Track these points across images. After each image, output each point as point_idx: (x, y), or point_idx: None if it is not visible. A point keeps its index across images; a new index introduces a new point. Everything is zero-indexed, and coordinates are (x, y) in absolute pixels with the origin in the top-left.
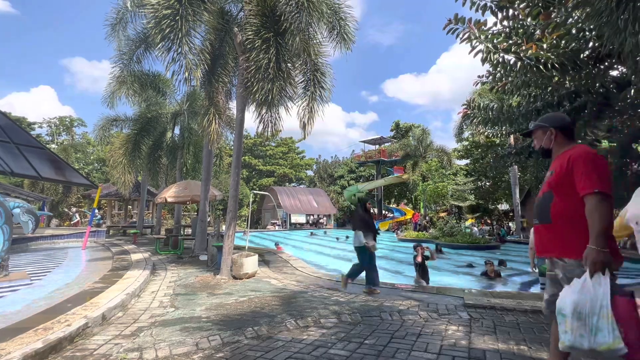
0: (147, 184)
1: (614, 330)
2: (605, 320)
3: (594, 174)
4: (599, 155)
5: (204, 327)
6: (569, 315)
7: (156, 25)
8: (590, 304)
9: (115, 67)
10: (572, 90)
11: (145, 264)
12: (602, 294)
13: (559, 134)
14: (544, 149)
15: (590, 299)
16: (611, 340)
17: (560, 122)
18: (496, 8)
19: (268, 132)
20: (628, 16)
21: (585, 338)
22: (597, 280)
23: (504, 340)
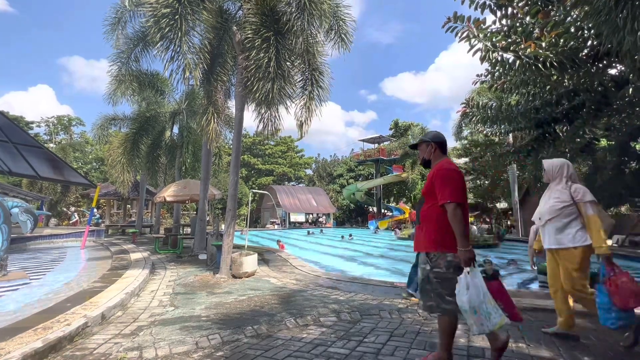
0: (146, 183)
1: (498, 310)
2: (491, 305)
3: (449, 187)
4: (455, 170)
5: (204, 326)
6: (468, 312)
7: (155, 24)
8: (476, 297)
9: (113, 65)
10: (571, 89)
11: (144, 263)
12: (479, 284)
13: (437, 149)
14: (425, 159)
15: (475, 292)
16: (499, 318)
17: (439, 139)
18: (495, 6)
19: (268, 131)
20: (627, 15)
21: (485, 325)
22: (472, 274)
23: None
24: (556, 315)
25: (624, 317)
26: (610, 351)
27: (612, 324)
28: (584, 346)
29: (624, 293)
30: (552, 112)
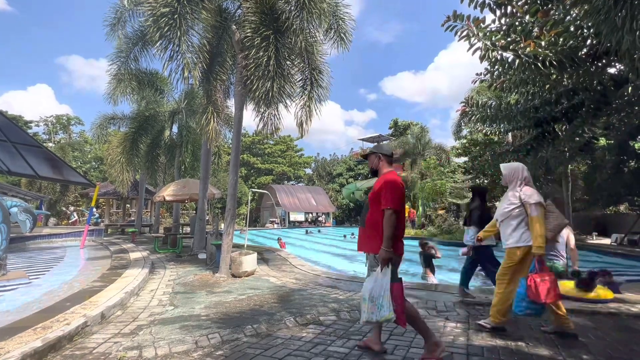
0: (146, 182)
1: (390, 306)
2: (386, 300)
3: (392, 196)
4: (399, 182)
5: (203, 325)
6: (367, 299)
7: (154, 23)
8: (378, 289)
9: (113, 65)
10: (570, 88)
11: (144, 262)
12: (385, 282)
13: (384, 160)
14: (374, 169)
15: (379, 286)
16: (388, 313)
17: (387, 152)
18: (495, 5)
19: (267, 130)
20: (625, 14)
21: (374, 314)
22: (385, 272)
23: (502, 337)
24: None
25: (532, 308)
26: (608, 349)
27: (520, 311)
28: (583, 344)
29: (540, 289)
30: (551, 111)
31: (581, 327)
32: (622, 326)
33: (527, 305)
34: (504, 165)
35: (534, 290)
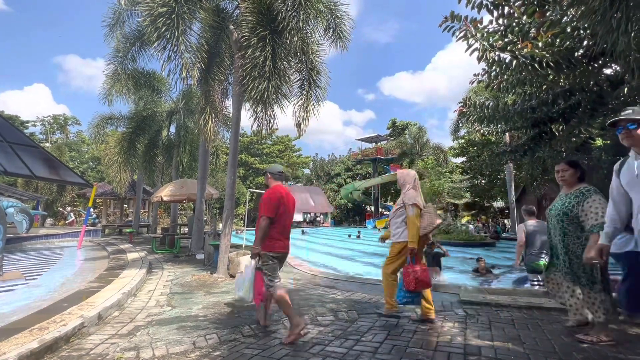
0: (143, 182)
1: (250, 289)
2: (248, 284)
3: (266, 206)
4: (274, 194)
5: (201, 325)
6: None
7: (152, 23)
8: (247, 275)
9: (110, 65)
10: (567, 89)
11: (141, 263)
12: (251, 270)
13: (270, 177)
14: (266, 184)
15: (249, 273)
16: (243, 295)
17: (272, 170)
18: (492, 6)
19: (263, 130)
20: (621, 15)
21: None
22: (252, 263)
23: (499, 336)
24: (558, 313)
25: (408, 297)
26: (605, 349)
27: (399, 300)
28: (580, 344)
29: (408, 278)
30: (548, 111)
31: (577, 327)
32: (619, 326)
33: (404, 295)
34: (399, 171)
35: (405, 280)
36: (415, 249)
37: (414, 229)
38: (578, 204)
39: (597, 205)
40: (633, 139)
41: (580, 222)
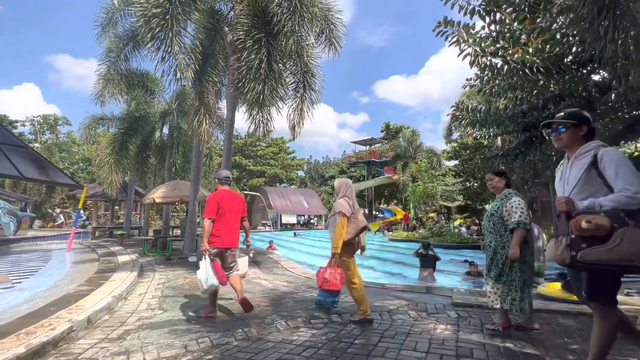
0: (135, 184)
1: (214, 279)
2: (212, 272)
3: (206, 208)
4: (213, 198)
5: (193, 329)
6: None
7: (145, 24)
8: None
9: (102, 65)
10: (557, 94)
11: (132, 265)
12: (208, 263)
13: (217, 182)
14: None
15: (205, 267)
16: (211, 282)
17: (218, 175)
18: (484, 12)
19: (259, 132)
20: (608, 24)
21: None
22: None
23: (491, 338)
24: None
25: (321, 296)
26: None
27: (318, 301)
28: (570, 345)
29: (318, 277)
30: (538, 116)
31: (566, 328)
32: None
33: (319, 293)
34: (337, 180)
35: (318, 279)
36: (337, 253)
37: (337, 235)
38: (502, 205)
39: (516, 205)
40: (563, 142)
41: (505, 221)
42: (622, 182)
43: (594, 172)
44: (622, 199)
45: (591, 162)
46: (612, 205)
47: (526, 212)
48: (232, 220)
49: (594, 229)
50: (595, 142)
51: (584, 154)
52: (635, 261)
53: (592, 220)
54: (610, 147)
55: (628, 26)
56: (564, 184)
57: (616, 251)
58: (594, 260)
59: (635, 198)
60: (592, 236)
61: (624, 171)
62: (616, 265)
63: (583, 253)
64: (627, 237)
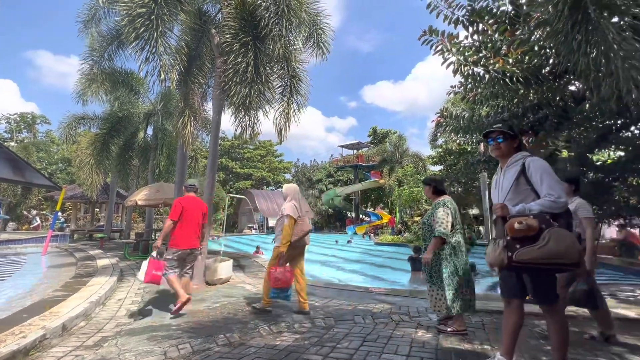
0: (117, 185)
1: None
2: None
3: (171, 211)
4: (176, 203)
5: (174, 335)
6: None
7: (130, 23)
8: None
9: (85, 64)
10: (535, 103)
11: (112, 270)
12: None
13: (185, 189)
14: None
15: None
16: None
17: (186, 184)
18: (467, 22)
19: (246, 135)
20: (581, 38)
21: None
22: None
23: (470, 341)
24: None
25: (274, 293)
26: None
27: (272, 297)
28: (544, 347)
29: (270, 277)
30: (519, 123)
31: (542, 329)
32: (578, 328)
33: (272, 291)
34: (286, 185)
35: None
36: (283, 252)
37: (285, 236)
38: (432, 214)
39: (441, 215)
40: (500, 151)
41: (433, 228)
42: (546, 188)
43: (523, 180)
44: (546, 203)
45: (520, 171)
46: (539, 208)
47: (448, 222)
48: (193, 224)
49: (526, 228)
50: (522, 153)
51: (514, 164)
52: (562, 258)
53: (524, 221)
54: (535, 157)
55: (599, 41)
56: (498, 192)
57: (545, 249)
58: (527, 259)
59: (557, 202)
60: (525, 237)
61: (548, 178)
62: (546, 263)
63: (518, 253)
64: (553, 236)
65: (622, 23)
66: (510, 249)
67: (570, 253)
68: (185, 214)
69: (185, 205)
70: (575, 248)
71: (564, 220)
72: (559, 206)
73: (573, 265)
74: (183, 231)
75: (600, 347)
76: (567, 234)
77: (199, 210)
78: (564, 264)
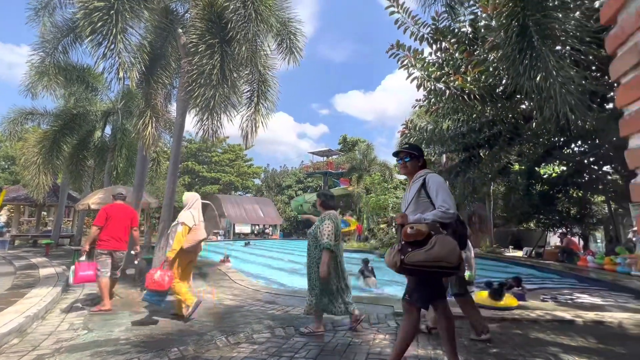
0: (68, 187)
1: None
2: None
3: (96, 217)
4: (102, 209)
5: (122, 350)
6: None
7: (86, 16)
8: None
9: (35, 55)
10: (491, 119)
11: (57, 279)
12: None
13: (112, 197)
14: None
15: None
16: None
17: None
18: (432, 40)
19: (208, 139)
20: (527, 63)
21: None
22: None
23: (424, 347)
24: (466, 322)
25: (149, 295)
26: (510, 354)
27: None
28: (490, 349)
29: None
30: (476, 138)
31: (491, 333)
32: (522, 330)
33: (146, 293)
34: (186, 193)
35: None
36: (170, 257)
37: (176, 242)
38: (317, 227)
39: (326, 228)
40: (406, 170)
41: (318, 240)
42: (440, 200)
43: (423, 193)
44: (439, 213)
45: (421, 185)
46: (432, 218)
47: (332, 235)
48: (119, 229)
49: (415, 233)
50: (425, 170)
51: (417, 179)
52: (443, 261)
53: (414, 227)
54: (434, 173)
55: (541, 67)
56: (404, 204)
57: (431, 253)
58: (416, 261)
59: (447, 213)
60: (416, 242)
61: (442, 192)
62: (431, 265)
63: (408, 255)
64: (439, 242)
65: (563, 51)
66: (402, 252)
67: (451, 257)
68: (110, 220)
69: (109, 212)
70: (456, 253)
71: (451, 229)
72: (449, 216)
73: (454, 268)
74: (108, 235)
75: (538, 348)
76: (450, 241)
77: (125, 216)
78: (446, 267)
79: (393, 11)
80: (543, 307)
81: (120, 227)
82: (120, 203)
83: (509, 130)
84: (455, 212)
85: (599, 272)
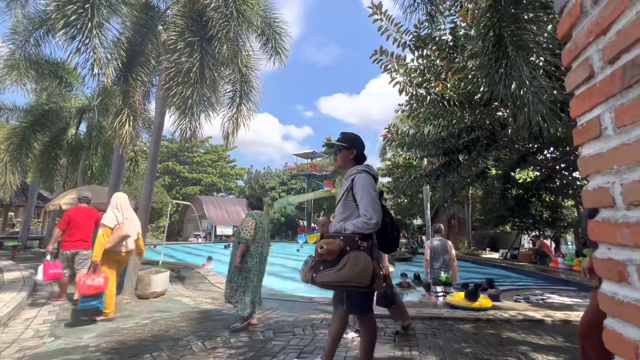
0: (39, 187)
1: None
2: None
3: (60, 220)
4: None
5: (91, 357)
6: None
7: (58, 9)
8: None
9: (4, 46)
10: (469, 125)
11: (22, 284)
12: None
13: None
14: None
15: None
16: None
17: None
18: (414, 47)
19: (185, 139)
20: (502, 72)
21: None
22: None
23: (400, 347)
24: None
25: (84, 301)
26: (483, 353)
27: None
28: (464, 349)
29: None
30: (455, 142)
31: (464, 333)
32: (495, 330)
33: (84, 300)
34: (115, 194)
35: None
36: (96, 262)
37: (98, 245)
38: (241, 224)
39: (245, 224)
40: (338, 163)
41: (239, 236)
42: (362, 208)
43: (351, 195)
44: (359, 223)
45: (350, 186)
46: (353, 229)
47: (251, 230)
48: (81, 231)
49: (326, 253)
50: (358, 167)
51: (348, 177)
52: (353, 282)
53: (325, 246)
54: (363, 174)
55: (515, 76)
56: (337, 202)
57: (340, 273)
58: (325, 282)
59: (368, 223)
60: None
61: (365, 198)
62: (342, 285)
63: (319, 274)
64: (350, 263)
65: (537, 62)
66: (315, 270)
67: (362, 277)
68: (73, 222)
69: (72, 215)
70: (368, 272)
71: (371, 240)
72: (370, 227)
73: (365, 287)
74: (70, 237)
75: (509, 347)
76: (362, 259)
77: (88, 218)
78: (357, 286)
79: (376, 19)
80: (515, 308)
81: (82, 230)
82: (85, 206)
83: (487, 136)
84: (379, 221)
85: (568, 273)
